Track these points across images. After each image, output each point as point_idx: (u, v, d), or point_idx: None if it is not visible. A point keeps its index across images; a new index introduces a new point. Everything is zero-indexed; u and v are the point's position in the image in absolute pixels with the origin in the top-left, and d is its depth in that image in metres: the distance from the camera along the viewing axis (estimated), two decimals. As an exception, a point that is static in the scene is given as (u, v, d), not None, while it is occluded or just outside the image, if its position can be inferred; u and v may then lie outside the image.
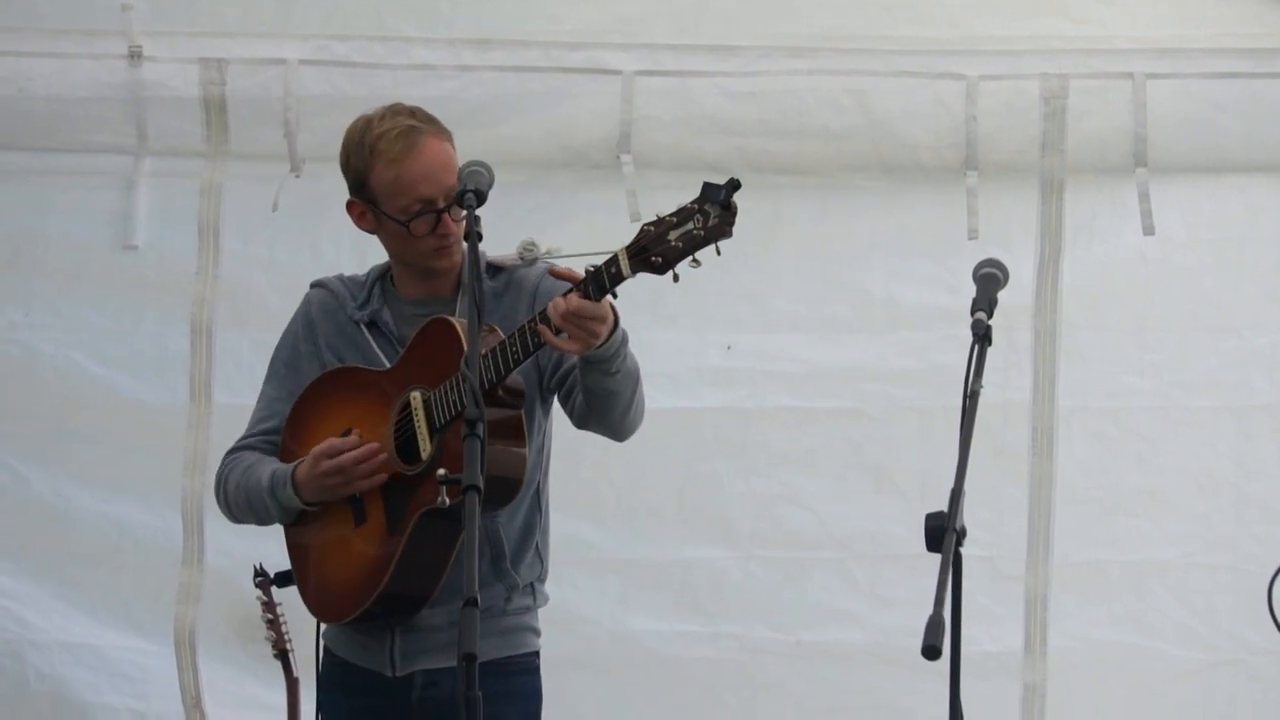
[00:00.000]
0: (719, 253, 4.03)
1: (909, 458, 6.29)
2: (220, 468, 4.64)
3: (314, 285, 4.69)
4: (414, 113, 4.45)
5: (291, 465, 4.46)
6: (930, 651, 3.54)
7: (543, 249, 4.33)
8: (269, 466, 4.51)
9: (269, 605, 6.06)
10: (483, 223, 4.17)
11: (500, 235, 4.39)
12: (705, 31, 6.23)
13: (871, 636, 6.31)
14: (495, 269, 4.47)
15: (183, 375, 6.38)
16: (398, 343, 4.48)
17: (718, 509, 6.36)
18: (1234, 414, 6.29)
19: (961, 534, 3.75)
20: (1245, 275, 6.29)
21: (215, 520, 6.27)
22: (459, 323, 4.28)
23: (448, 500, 4.11)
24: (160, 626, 6.36)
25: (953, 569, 3.69)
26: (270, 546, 6.16)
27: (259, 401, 4.67)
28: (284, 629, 6.06)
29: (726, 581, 6.37)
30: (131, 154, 6.34)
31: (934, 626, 3.55)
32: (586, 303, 4.10)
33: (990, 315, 4.06)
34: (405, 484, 4.33)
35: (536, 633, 4.56)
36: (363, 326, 4.53)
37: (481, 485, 3.77)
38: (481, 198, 4.18)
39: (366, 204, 4.46)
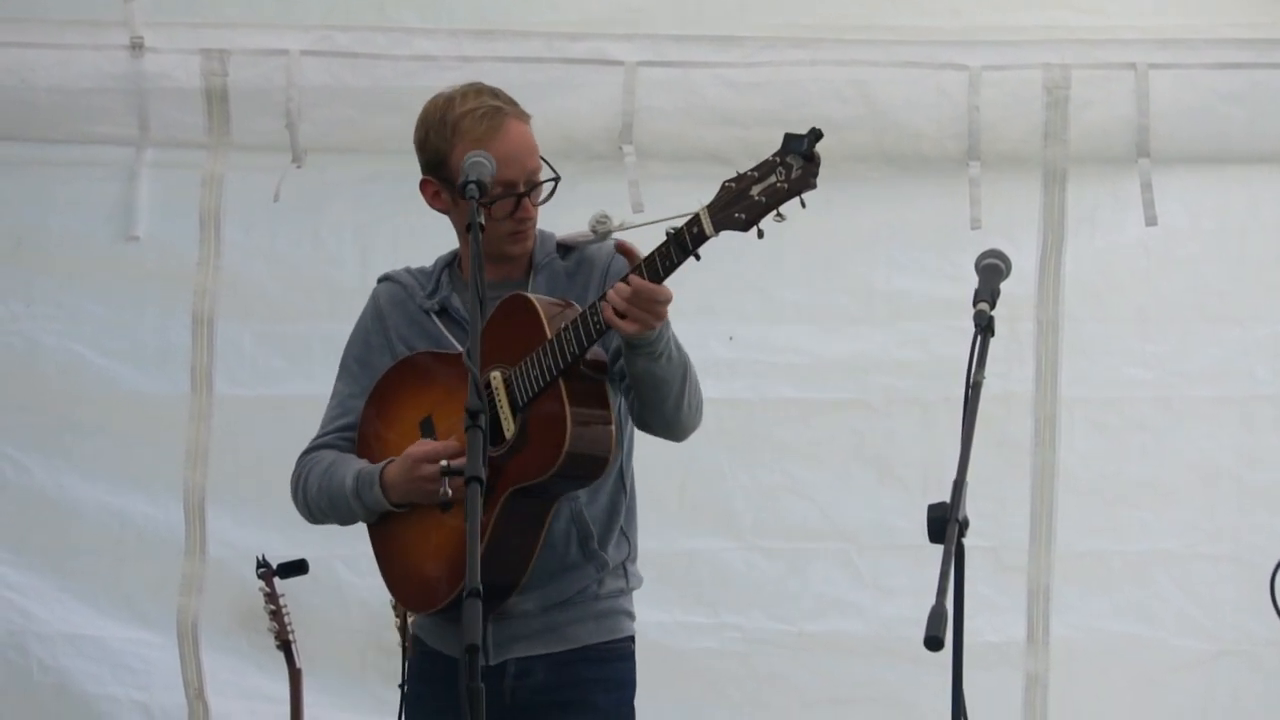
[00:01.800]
0: (804, 205, 4.01)
1: (911, 449, 6.29)
2: (297, 468, 4.52)
3: (381, 279, 4.57)
4: (496, 94, 4.33)
5: (378, 466, 4.35)
6: (933, 642, 3.54)
7: (615, 222, 4.26)
8: (352, 466, 4.40)
9: (271, 596, 6.07)
10: (484, 213, 4.14)
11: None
12: (707, 22, 6.23)
13: (874, 627, 6.32)
14: (566, 249, 4.39)
15: (184, 366, 6.39)
16: (469, 327, 4.35)
17: (720, 500, 6.36)
18: (1236, 404, 6.29)
19: (964, 525, 3.75)
20: (1248, 266, 6.29)
21: (217, 511, 6.30)
22: (536, 298, 4.21)
23: (449, 492, 4.09)
24: (163, 618, 6.36)
25: (955, 560, 3.69)
26: (272, 538, 6.21)
27: (332, 399, 4.55)
28: (286, 620, 6.07)
29: (729, 572, 6.38)
30: (133, 145, 6.34)
31: (936, 617, 3.55)
32: (647, 284, 4.03)
33: (993, 306, 4.05)
34: (490, 466, 4.12)
35: (632, 616, 4.47)
36: (433, 315, 4.42)
37: (484, 477, 3.71)
38: (484, 188, 4.10)
39: (443, 184, 4.32)
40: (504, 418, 4.21)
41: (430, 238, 5.08)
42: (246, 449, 6.38)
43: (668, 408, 4.26)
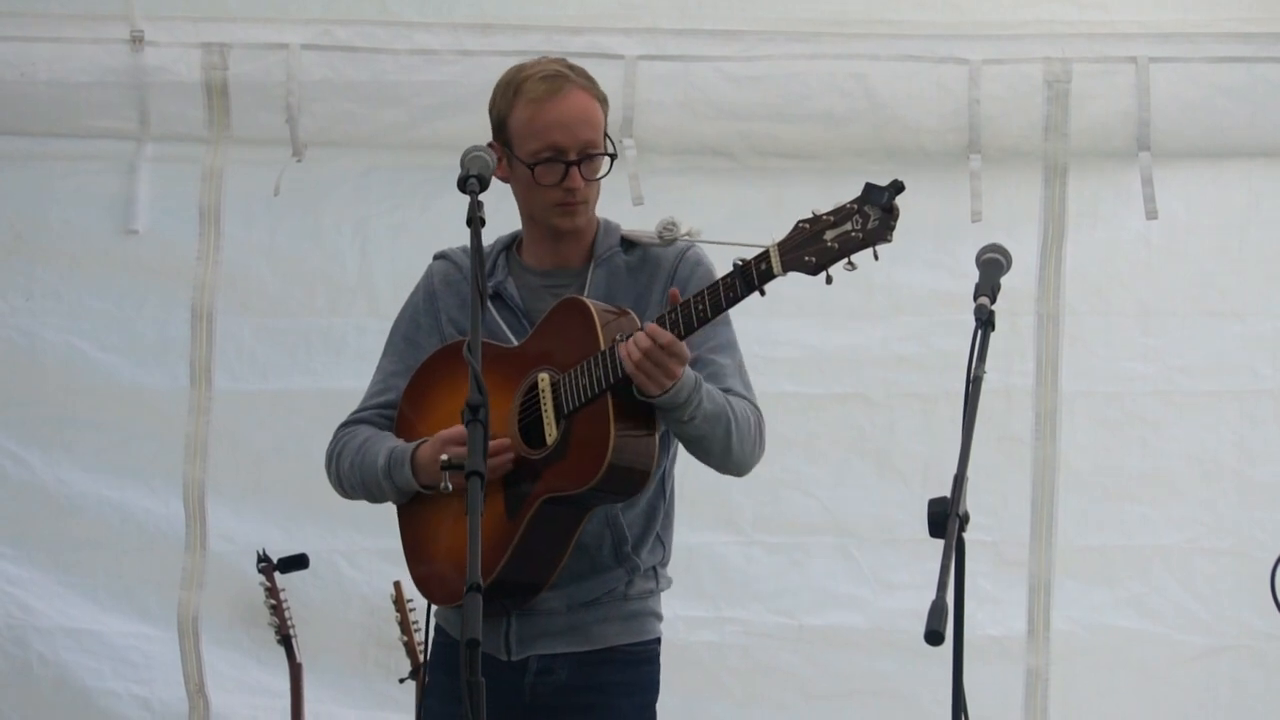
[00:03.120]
0: (876, 257, 3.97)
1: (911, 443, 6.28)
2: (332, 442, 4.43)
3: (437, 256, 4.47)
4: (571, 67, 4.28)
5: (411, 445, 4.27)
6: (933, 637, 3.53)
7: (683, 230, 4.22)
8: (386, 444, 4.32)
9: (272, 591, 6.07)
10: (485, 208, 4.12)
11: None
12: (708, 16, 6.22)
13: (874, 621, 6.32)
14: (630, 244, 4.31)
15: (183, 360, 6.38)
16: (523, 316, 4.30)
17: (721, 494, 6.34)
18: (1237, 399, 6.29)
19: (964, 519, 3.74)
20: (1248, 260, 6.29)
21: (217, 505, 6.30)
22: (593, 304, 4.13)
23: (450, 486, 4.06)
24: (163, 612, 6.36)
25: (956, 554, 3.69)
26: (272, 532, 6.21)
27: (375, 375, 4.47)
28: (287, 614, 6.07)
29: (729, 566, 6.37)
30: (133, 139, 6.34)
31: (937, 612, 3.54)
32: (665, 334, 3.96)
33: (993, 300, 4.05)
34: (527, 468, 4.15)
35: (659, 618, 4.40)
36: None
37: (484, 471, 3.65)
38: (484, 183, 4.06)
39: (502, 146, 4.26)
40: (547, 422, 4.14)
41: (430, 232, 5.08)
42: (246, 443, 6.38)
43: (714, 459, 4.22)
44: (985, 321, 4.00)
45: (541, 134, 4.21)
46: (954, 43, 6.18)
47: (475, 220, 4.00)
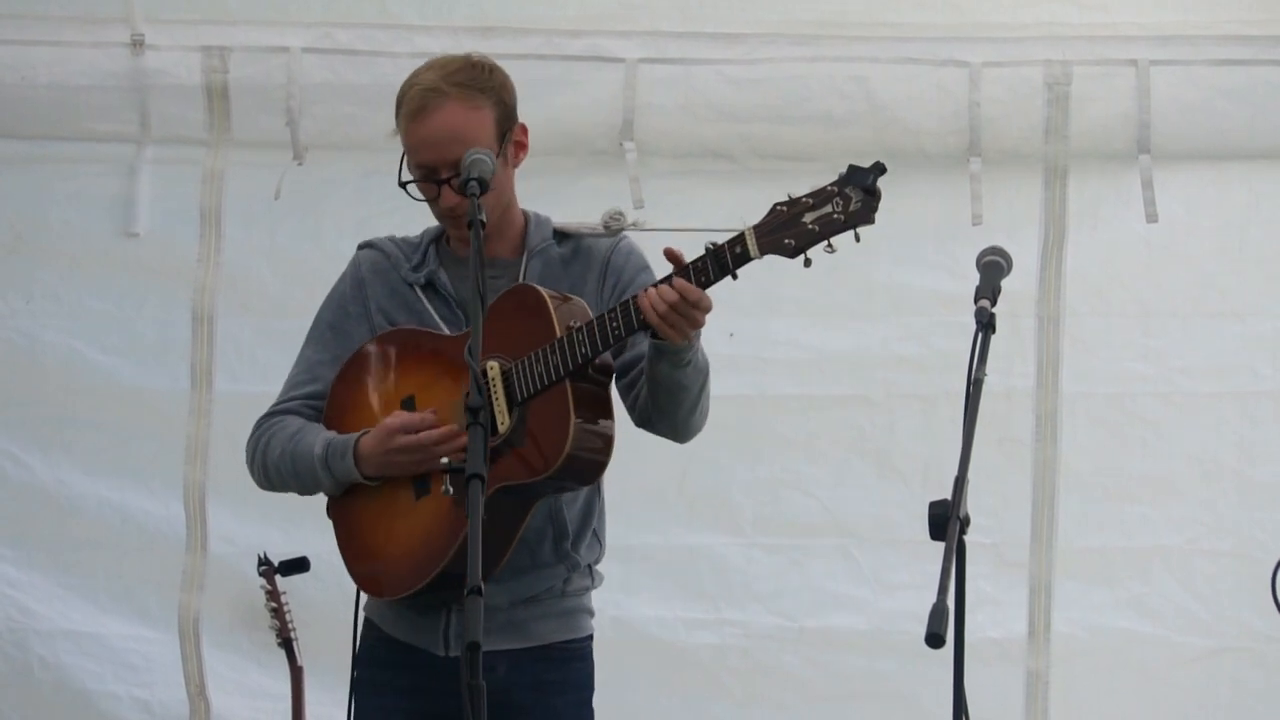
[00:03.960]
0: (858, 239, 3.95)
1: (912, 444, 6.29)
2: (256, 432, 4.40)
3: (363, 246, 4.50)
4: (457, 70, 4.24)
5: (353, 436, 4.23)
6: (934, 639, 3.54)
7: (629, 220, 4.23)
8: (321, 434, 4.28)
9: (273, 593, 6.07)
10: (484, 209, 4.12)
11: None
12: (708, 18, 6.22)
13: (875, 623, 6.32)
14: (562, 235, 4.31)
15: (184, 362, 6.38)
16: (456, 306, 4.29)
17: (721, 495, 6.36)
18: (1238, 400, 6.30)
19: (965, 521, 3.75)
20: (1249, 262, 6.29)
21: (218, 507, 6.29)
22: (545, 291, 4.11)
23: (451, 489, 4.05)
24: (164, 614, 6.36)
25: (956, 556, 3.69)
26: (273, 534, 6.21)
27: (297, 364, 4.46)
28: (288, 617, 6.06)
29: (729, 567, 6.38)
30: (134, 142, 6.34)
31: (938, 614, 3.55)
32: (692, 288, 3.96)
33: (994, 303, 4.05)
34: None
35: (592, 614, 4.41)
36: (417, 289, 4.34)
37: (485, 474, 3.65)
38: (485, 185, 4.06)
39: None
40: (499, 410, 4.11)
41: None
42: (247, 445, 6.38)
43: (681, 414, 4.20)
44: (986, 324, 4.01)
45: (413, 153, 4.25)
46: (954, 45, 6.18)
47: (476, 223, 4.00)
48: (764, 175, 6.21)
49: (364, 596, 4.48)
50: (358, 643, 4.46)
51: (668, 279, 4.01)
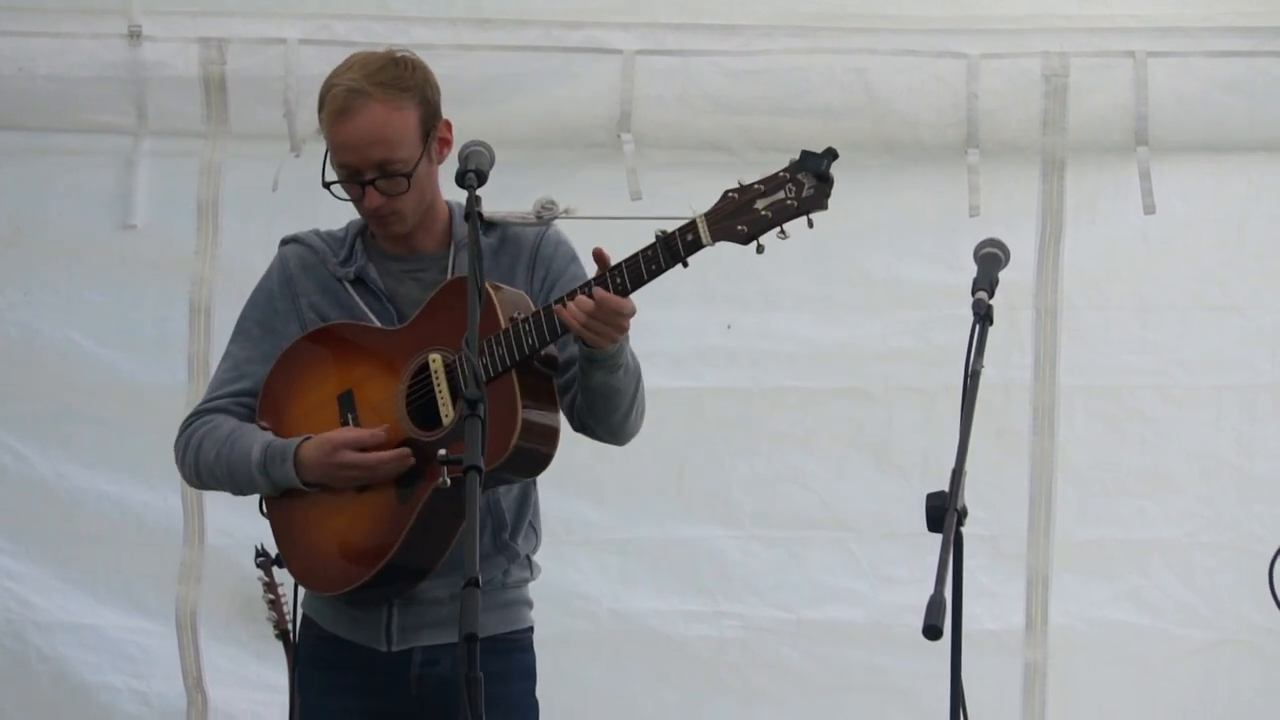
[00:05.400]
0: (811, 224, 3.95)
1: (910, 437, 6.29)
2: (185, 431, 4.37)
3: (286, 241, 4.45)
4: (379, 69, 4.19)
5: (293, 441, 4.21)
6: (931, 631, 3.54)
7: (560, 208, 4.23)
8: (258, 438, 4.26)
9: (270, 585, 6.06)
10: (483, 202, 4.12)
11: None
12: (706, 10, 6.22)
13: (873, 615, 6.32)
14: (488, 225, 4.26)
15: (182, 355, 6.38)
16: (387, 300, 4.28)
17: (718, 489, 6.36)
18: (1236, 393, 6.29)
19: (963, 514, 3.75)
20: (1247, 254, 6.29)
21: (216, 500, 6.28)
22: (491, 285, 4.09)
23: (449, 481, 4.05)
24: (161, 606, 6.36)
25: (954, 548, 3.69)
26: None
27: (224, 362, 4.43)
28: (285, 609, 6.06)
29: (727, 560, 6.38)
30: (131, 134, 6.34)
31: (935, 606, 3.55)
32: (611, 297, 3.96)
33: (991, 295, 4.06)
34: (418, 451, 4.13)
35: (531, 605, 4.41)
36: (346, 284, 4.31)
37: (483, 466, 3.65)
38: (482, 178, 4.06)
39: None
40: (443, 403, 4.11)
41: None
42: (244, 437, 6.38)
43: (616, 418, 4.20)
44: (983, 316, 4.01)
45: (335, 153, 4.22)
46: (952, 37, 6.18)
47: (473, 215, 4.01)
48: (762, 167, 6.18)
49: (302, 592, 4.47)
50: (298, 640, 4.45)
51: (586, 286, 4.02)
